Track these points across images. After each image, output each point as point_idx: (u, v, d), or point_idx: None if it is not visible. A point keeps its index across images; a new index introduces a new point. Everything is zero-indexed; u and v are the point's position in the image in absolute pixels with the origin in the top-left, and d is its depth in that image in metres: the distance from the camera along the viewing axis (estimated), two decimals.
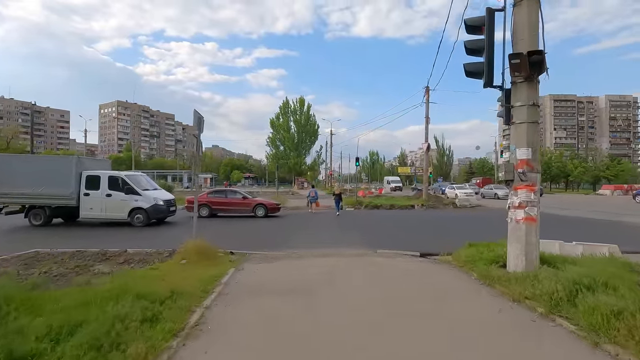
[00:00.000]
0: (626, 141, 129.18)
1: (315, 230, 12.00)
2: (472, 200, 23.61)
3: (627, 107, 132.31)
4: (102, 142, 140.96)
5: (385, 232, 11.65)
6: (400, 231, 12.04)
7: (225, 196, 16.06)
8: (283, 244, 9.16)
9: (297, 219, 15.82)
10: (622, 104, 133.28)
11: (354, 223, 14.29)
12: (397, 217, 17.41)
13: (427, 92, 23.01)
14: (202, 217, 15.63)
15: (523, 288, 4.33)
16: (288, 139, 59.23)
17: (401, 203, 22.34)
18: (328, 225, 13.40)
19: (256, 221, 14.55)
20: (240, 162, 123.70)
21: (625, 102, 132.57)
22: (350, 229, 12.35)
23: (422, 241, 9.63)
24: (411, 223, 14.58)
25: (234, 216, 16.10)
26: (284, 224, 13.66)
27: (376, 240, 9.57)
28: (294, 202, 26.49)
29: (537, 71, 4.99)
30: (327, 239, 10.10)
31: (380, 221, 15.22)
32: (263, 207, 15.77)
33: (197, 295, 4.53)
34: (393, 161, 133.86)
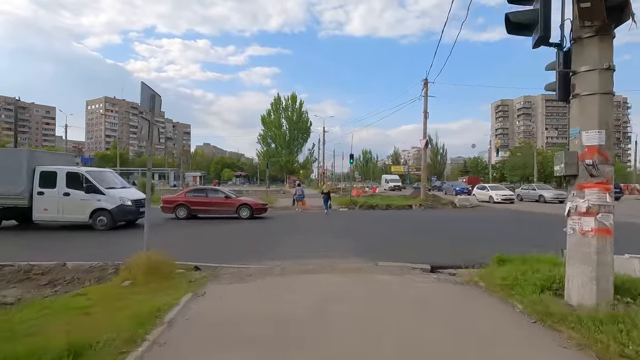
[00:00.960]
0: (616, 141, 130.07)
1: (305, 234, 10.44)
2: (472, 200, 22.28)
3: (617, 107, 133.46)
4: (89, 139, 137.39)
5: (384, 237, 10.15)
6: (401, 235, 10.54)
7: (206, 195, 14.39)
8: (266, 253, 7.58)
9: (286, 220, 14.24)
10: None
11: (349, 225, 12.77)
12: (395, 218, 15.94)
13: (425, 85, 21.58)
14: (179, 219, 13.98)
15: (613, 338, 2.83)
16: (279, 136, 57.49)
17: (398, 203, 20.91)
18: (319, 228, 11.85)
19: (239, 223, 12.93)
20: (232, 161, 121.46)
21: (616, 102, 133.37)
22: (345, 232, 10.82)
23: (429, 248, 8.14)
24: (411, 225, 13.11)
25: (216, 217, 14.45)
26: (269, 227, 12.07)
27: (375, 248, 8.07)
28: (284, 201, 24.88)
29: (615, 19, 3.50)
30: (318, 246, 8.55)
31: (377, 223, 13.72)
32: (247, 207, 14.15)
33: (115, 350, 2.92)
34: (386, 160, 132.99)
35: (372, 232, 11.17)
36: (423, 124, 21.72)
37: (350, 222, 14.07)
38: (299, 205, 18.78)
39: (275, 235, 10.16)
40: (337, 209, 19.87)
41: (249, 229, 11.56)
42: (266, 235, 10.14)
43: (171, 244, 7.92)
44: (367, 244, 8.71)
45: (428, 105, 22.08)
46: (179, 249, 7.38)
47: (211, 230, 11.46)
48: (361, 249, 7.98)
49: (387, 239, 9.90)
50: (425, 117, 21.51)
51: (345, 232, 11.10)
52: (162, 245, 5.98)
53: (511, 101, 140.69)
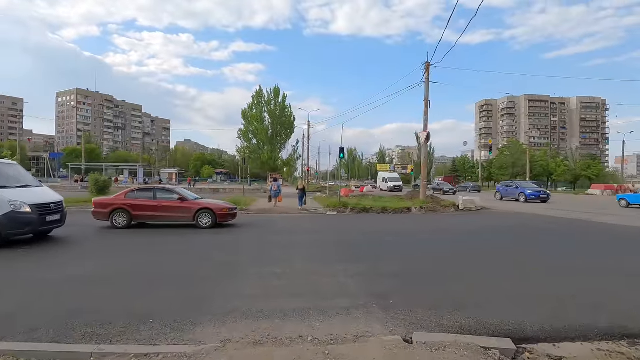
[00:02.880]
0: (595, 142, 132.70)
1: (282, 256, 7.26)
2: (477, 202, 19.62)
3: (597, 108, 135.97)
4: (60, 133, 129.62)
5: (395, 259, 7.08)
6: (418, 255, 7.50)
7: (154, 197, 10.94)
8: (211, 302, 4.38)
9: (260, 230, 11.02)
10: (591, 105, 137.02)
11: (341, 239, 9.65)
12: (397, 226, 12.95)
13: (427, 70, 18.70)
14: (117, 228, 10.57)
15: None
16: (261, 131, 53.77)
17: (394, 205, 17.97)
18: (303, 243, 8.69)
19: (193, 236, 9.62)
20: (212, 157, 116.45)
21: (595, 104, 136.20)
22: (337, 252, 7.71)
23: (473, 284, 5.12)
24: (423, 237, 10.12)
25: (166, 226, 11.11)
26: (233, 244, 8.78)
27: (389, 287, 5.01)
28: (263, 202, 21.59)
29: None
30: (301, 281, 5.39)
31: (377, 234, 10.67)
32: (209, 213, 10.82)
33: None
34: (371, 158, 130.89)
35: (375, 250, 8.09)
36: (424, 114, 18.82)
37: (344, 233, 10.97)
38: (275, 202, 18.28)
39: (239, 260, 6.92)
40: (325, 213, 16.76)
41: (202, 248, 8.22)
42: (224, 260, 6.89)
43: (55, 283, 4.66)
44: (374, 277, 5.63)
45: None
46: (62, 294, 4.14)
47: (144, 251, 8.03)
48: (369, 289, 4.90)
49: (402, 262, 6.84)
50: (427, 105, 18.64)
51: (339, 250, 7.99)
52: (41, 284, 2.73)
53: (495, 101, 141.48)
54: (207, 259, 6.93)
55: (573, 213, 17.20)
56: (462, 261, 6.95)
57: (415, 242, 9.18)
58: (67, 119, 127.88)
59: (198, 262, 6.70)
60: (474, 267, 6.42)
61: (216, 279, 5.45)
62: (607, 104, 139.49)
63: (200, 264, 6.55)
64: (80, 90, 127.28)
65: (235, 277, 5.51)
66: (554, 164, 62.40)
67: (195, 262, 6.64)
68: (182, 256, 7.18)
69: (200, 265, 6.46)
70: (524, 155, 60.15)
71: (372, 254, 7.53)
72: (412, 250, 8.06)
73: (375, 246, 8.58)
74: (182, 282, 5.26)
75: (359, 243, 9.01)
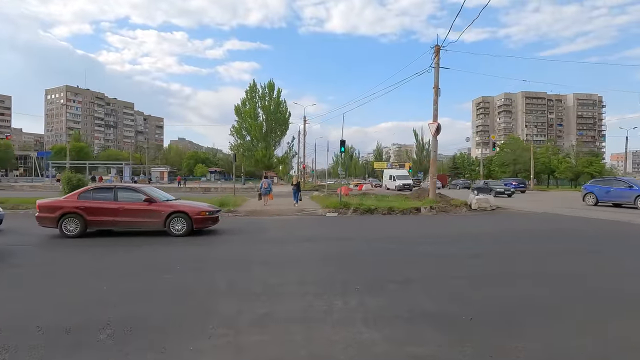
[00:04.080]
0: (592, 139, 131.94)
1: (268, 282, 5.25)
2: (491, 201, 17.76)
3: (593, 105, 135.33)
4: (49, 132, 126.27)
5: (433, 286, 5.13)
6: (463, 277, 5.51)
7: (114, 198, 8.85)
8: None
9: (244, 240, 9.00)
10: (588, 102, 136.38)
11: (348, 251, 7.66)
12: (411, 230, 11.02)
13: (437, 54, 16.74)
14: (67, 237, 8.52)
15: None
16: (255, 127, 51.58)
17: (402, 205, 16.03)
18: (298, 259, 6.68)
19: (157, 249, 7.57)
20: (206, 156, 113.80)
21: (592, 101, 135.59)
22: (345, 273, 5.72)
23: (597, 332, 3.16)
24: (454, 247, 8.15)
25: (131, 234, 9.08)
26: (206, 261, 6.64)
27: (442, 342, 3.06)
28: (255, 202, 19.58)
29: None
30: (293, 340, 3.41)
31: (391, 242, 8.69)
32: (183, 217, 8.78)
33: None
34: (367, 157, 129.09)
35: (396, 268, 6.12)
36: (433, 102, 16.85)
37: (349, 241, 8.99)
38: (265, 200, 17.52)
39: (205, 289, 4.85)
40: (324, 214, 14.79)
41: (162, 267, 6.05)
42: (184, 289, 4.84)
43: None
44: (411, 323, 3.66)
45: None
46: None
47: (77, 274, 5.93)
48: (409, 354, 2.94)
49: (442, 288, 4.88)
50: (437, 93, 16.68)
51: (347, 268, 6.01)
52: None
53: (492, 98, 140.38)
54: (160, 288, 4.88)
55: (602, 213, 15.39)
56: (532, 284, 4.99)
57: (447, 254, 7.18)
58: (56, 117, 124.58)
59: (142, 295, 4.64)
60: (566, 298, 4.46)
61: (159, 332, 3.43)
62: (603, 101, 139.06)
63: (144, 298, 4.50)
64: (69, 87, 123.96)
65: (191, 328, 3.50)
66: (555, 161, 60.90)
67: (137, 295, 4.59)
68: (125, 282, 5.13)
69: (143, 300, 4.41)
70: (525, 152, 58.52)
71: (394, 275, 5.55)
72: (447, 267, 6.09)
73: (394, 261, 6.59)
74: (88, 340, 3.23)
75: (371, 256, 7.02)
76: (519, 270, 5.91)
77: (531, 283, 5.12)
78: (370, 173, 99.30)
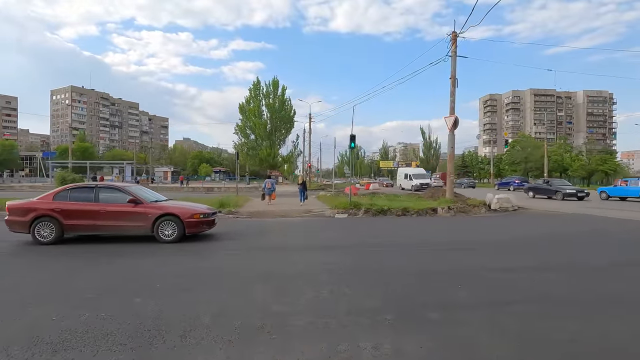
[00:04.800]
0: (602, 136, 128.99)
1: (267, 313, 4.06)
2: (513, 201, 16.41)
3: (604, 102, 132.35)
4: (55, 132, 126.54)
5: (494, 326, 3.90)
6: (529, 310, 4.28)
7: (95, 199, 7.67)
8: None
9: (242, 247, 7.80)
10: (598, 99, 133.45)
11: (364, 263, 6.38)
12: (435, 234, 9.75)
13: (453, 41, 15.41)
14: (42, 244, 7.40)
15: None
16: (259, 126, 50.39)
17: (416, 205, 14.75)
18: (304, 278, 5.40)
19: (137, 261, 6.38)
20: (210, 155, 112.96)
21: (602, 98, 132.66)
22: (371, 300, 4.37)
23: None
24: (501, 261, 6.87)
25: (114, 240, 7.94)
26: (190, 278, 5.35)
27: None
28: (258, 202, 18.43)
29: None
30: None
31: (418, 251, 7.45)
32: (174, 220, 7.60)
33: None
34: (372, 156, 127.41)
35: (436, 292, 4.87)
36: (450, 94, 15.52)
37: (367, 249, 7.77)
38: (268, 200, 17.10)
39: (190, 325, 3.63)
40: (333, 216, 13.57)
41: (135, 286, 4.83)
42: (161, 326, 3.65)
43: None
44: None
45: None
46: None
47: (26, 296, 4.89)
48: None
49: (532, 341, 3.66)
50: (454, 83, 15.35)
51: (373, 293, 4.76)
52: None
53: (499, 96, 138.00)
54: (120, 320, 3.68)
55: (631, 212, 14.01)
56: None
57: (496, 267, 5.89)
58: (62, 117, 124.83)
59: (94, 331, 3.48)
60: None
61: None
62: (614, 98, 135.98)
63: (95, 336, 3.33)
64: (74, 88, 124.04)
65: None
66: (569, 159, 58.94)
67: (87, 333, 3.42)
68: (79, 309, 3.95)
69: (89, 341, 3.24)
70: (537, 150, 56.68)
71: (433, 297, 4.31)
72: (505, 287, 4.83)
73: (428, 277, 5.35)
74: None
75: (397, 269, 5.78)
76: (622, 295, 4.62)
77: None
78: (376, 172, 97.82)
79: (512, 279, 5.12)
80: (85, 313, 3.71)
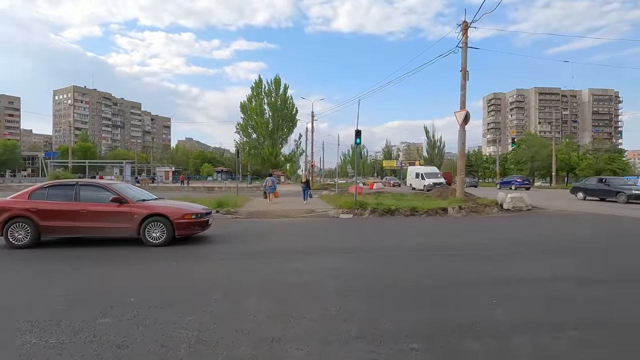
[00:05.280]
0: (608, 135, 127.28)
1: (265, 334, 3.30)
2: (526, 200, 15.55)
3: (609, 101, 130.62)
4: (57, 132, 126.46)
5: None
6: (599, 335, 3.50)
7: (74, 197, 6.85)
8: None
9: (236, 252, 7.03)
10: (604, 97, 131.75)
11: (376, 271, 5.62)
12: (452, 236, 8.95)
13: (464, 31, 14.58)
14: (16, 247, 6.67)
15: None
16: (261, 124, 49.62)
17: (425, 205, 13.93)
18: (308, 292, 4.55)
19: (122, 264, 5.67)
20: (213, 155, 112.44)
21: (607, 96, 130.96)
22: (383, 319, 3.67)
23: None
24: (539, 269, 6.09)
25: (96, 243, 7.20)
26: (178, 289, 4.47)
27: None
28: (259, 201, 17.69)
29: None
30: None
31: (437, 256, 6.66)
32: (163, 222, 6.83)
33: None
34: (375, 155, 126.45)
35: (472, 311, 4.09)
36: (461, 88, 14.67)
37: (376, 252, 6.97)
38: (270, 198, 17.17)
39: (152, 359, 2.95)
40: (337, 216, 12.78)
41: (103, 303, 4.15)
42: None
43: None
44: None
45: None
46: None
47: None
48: None
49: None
50: (465, 76, 14.51)
51: (391, 307, 3.99)
52: None
53: (503, 94, 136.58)
54: (71, 351, 2.94)
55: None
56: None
57: (537, 276, 5.10)
58: (64, 117, 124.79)
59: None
60: None
61: None
62: (620, 97, 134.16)
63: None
64: (77, 88, 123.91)
65: None
66: (576, 158, 57.78)
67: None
68: (29, 335, 3.20)
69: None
70: (543, 149, 55.60)
71: (467, 316, 3.52)
72: (559, 303, 4.04)
73: (457, 290, 4.56)
74: None
75: (417, 279, 4.97)
76: None
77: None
78: (379, 172, 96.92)
79: (550, 293, 4.31)
80: (32, 340, 2.95)
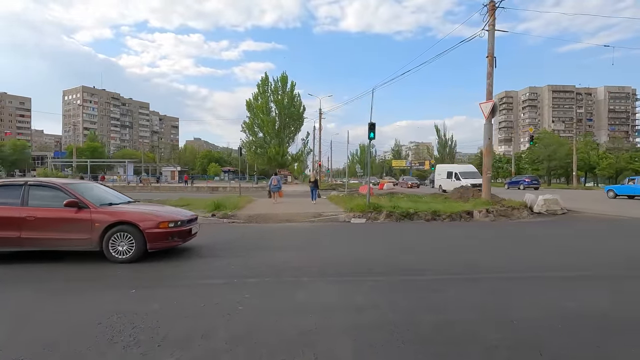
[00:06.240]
0: (625, 134, 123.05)
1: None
2: (561, 202, 13.80)
3: (626, 99, 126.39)
4: (66, 132, 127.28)
5: None
6: None
7: (22, 201, 5.44)
8: None
9: (223, 270, 5.55)
10: (620, 95, 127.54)
11: (406, 318, 4.07)
12: (490, 251, 7.37)
13: (491, 12, 12.93)
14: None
15: None
16: (268, 123, 48.24)
17: (447, 208, 12.29)
18: (319, 333, 3.18)
19: (61, 293, 4.30)
20: (220, 155, 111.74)
21: (624, 94, 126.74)
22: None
23: None
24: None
25: (44, 257, 5.82)
26: (132, 334, 3.28)
27: None
28: (262, 202, 16.26)
29: None
30: None
31: (488, 287, 5.03)
32: (132, 232, 5.41)
33: None
34: (383, 155, 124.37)
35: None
36: (487, 76, 12.99)
37: (403, 274, 5.44)
38: (274, 197, 16.81)
39: None
40: (348, 220, 11.25)
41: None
42: None
43: None
44: None
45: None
46: None
47: None
48: None
49: None
50: (491, 63, 12.85)
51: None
52: None
53: (516, 93, 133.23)
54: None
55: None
56: None
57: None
58: (73, 118, 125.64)
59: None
60: None
61: None
62: (637, 94, 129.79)
63: None
64: (85, 88, 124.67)
65: None
66: (595, 157, 55.19)
67: None
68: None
69: None
70: (561, 148, 53.17)
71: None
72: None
73: (539, 343, 3.01)
74: None
75: (475, 334, 3.45)
76: None
77: None
78: (388, 171, 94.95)
79: None
80: None
